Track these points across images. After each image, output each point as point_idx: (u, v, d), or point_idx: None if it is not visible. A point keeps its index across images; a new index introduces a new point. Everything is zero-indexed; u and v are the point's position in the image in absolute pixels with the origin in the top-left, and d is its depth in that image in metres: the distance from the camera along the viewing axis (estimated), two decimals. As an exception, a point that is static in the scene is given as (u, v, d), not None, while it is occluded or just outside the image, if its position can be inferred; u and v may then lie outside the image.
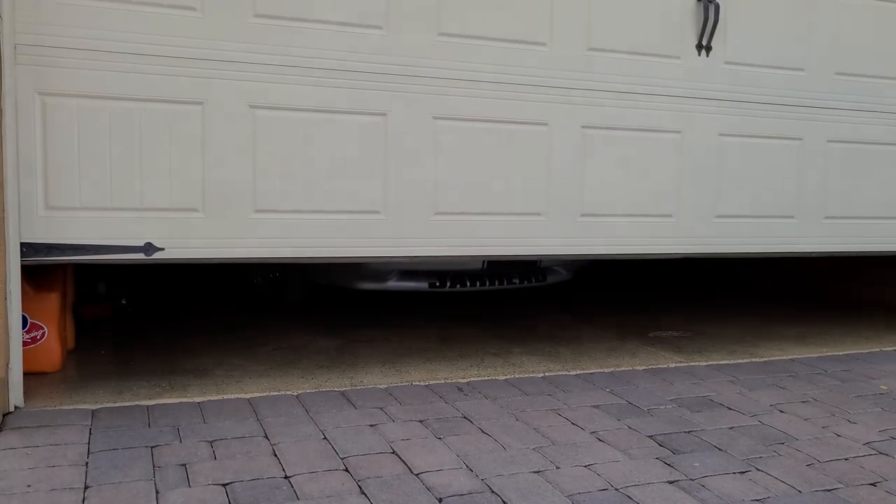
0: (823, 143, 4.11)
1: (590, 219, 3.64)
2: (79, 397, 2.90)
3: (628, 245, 3.73)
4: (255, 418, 2.71)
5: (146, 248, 2.91)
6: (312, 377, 3.28)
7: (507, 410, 2.89)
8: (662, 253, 3.84)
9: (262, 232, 3.08)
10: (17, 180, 2.71)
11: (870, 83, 4.18)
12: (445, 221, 3.37)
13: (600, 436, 2.66)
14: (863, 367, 3.76)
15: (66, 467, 2.25)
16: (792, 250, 4.14)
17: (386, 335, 4.13)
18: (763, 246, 4.04)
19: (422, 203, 3.32)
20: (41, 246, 2.78)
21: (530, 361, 3.66)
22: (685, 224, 3.84)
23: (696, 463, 2.44)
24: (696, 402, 3.08)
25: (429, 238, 3.35)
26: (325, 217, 3.17)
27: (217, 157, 3.00)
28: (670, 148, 3.77)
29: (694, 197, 3.84)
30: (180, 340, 3.87)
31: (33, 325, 3.10)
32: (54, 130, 2.79)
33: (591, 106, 3.58)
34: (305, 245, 3.16)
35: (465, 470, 2.33)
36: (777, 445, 2.62)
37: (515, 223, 3.50)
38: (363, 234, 3.23)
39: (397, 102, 3.24)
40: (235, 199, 3.04)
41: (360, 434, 2.59)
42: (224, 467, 2.28)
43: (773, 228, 4.05)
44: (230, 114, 3.01)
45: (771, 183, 4.01)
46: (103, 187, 2.87)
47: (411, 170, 3.29)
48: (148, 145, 2.92)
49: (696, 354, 3.91)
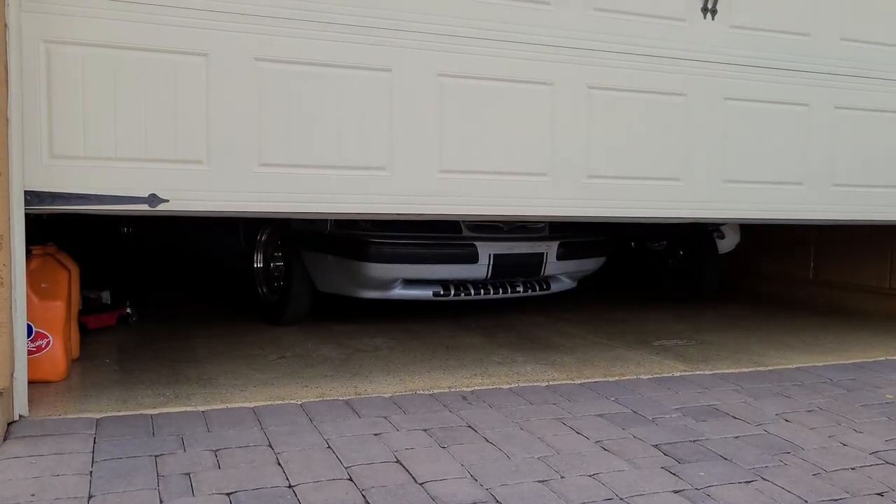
0: (831, 109, 4.10)
1: (596, 181, 3.64)
2: (83, 406, 2.90)
3: (635, 208, 3.74)
4: (259, 427, 2.71)
5: (150, 199, 2.90)
6: (316, 386, 3.28)
7: (512, 419, 2.88)
8: (670, 217, 3.83)
9: (266, 186, 3.08)
10: (21, 128, 2.70)
11: (878, 49, 4.15)
12: (450, 180, 3.36)
13: (605, 445, 2.65)
14: (869, 375, 3.74)
15: (71, 476, 2.25)
16: (800, 217, 4.14)
17: (390, 344, 4.13)
18: (771, 212, 4.04)
19: (427, 161, 3.31)
20: (46, 194, 2.77)
21: (534, 370, 3.66)
22: (692, 188, 3.83)
23: (701, 472, 2.43)
24: (701, 410, 3.07)
25: (434, 196, 3.34)
26: (328, 172, 3.17)
27: (221, 109, 3.00)
28: (676, 111, 3.77)
29: (701, 161, 3.84)
30: (184, 349, 3.87)
31: (38, 333, 3.11)
32: (59, 79, 2.79)
33: (596, 66, 3.58)
34: (309, 200, 3.16)
35: (470, 479, 2.32)
36: (783, 455, 2.61)
37: (520, 183, 3.49)
38: (368, 191, 3.23)
39: (404, 58, 3.24)
40: (239, 152, 3.04)
41: (365, 443, 2.59)
42: (228, 476, 2.28)
43: (781, 195, 4.04)
44: (234, 66, 3.01)
45: (778, 149, 4.00)
46: (108, 137, 2.87)
47: (417, 127, 3.29)
48: (152, 96, 2.92)
49: (700, 363, 3.90)
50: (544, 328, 4.71)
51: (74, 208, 2.83)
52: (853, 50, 4.09)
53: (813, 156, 4.09)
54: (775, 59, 3.93)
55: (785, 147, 4.02)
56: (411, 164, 3.29)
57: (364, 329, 4.48)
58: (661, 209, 3.78)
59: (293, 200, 3.13)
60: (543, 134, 3.52)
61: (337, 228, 4.16)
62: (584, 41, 3.54)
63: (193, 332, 4.27)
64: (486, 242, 4.29)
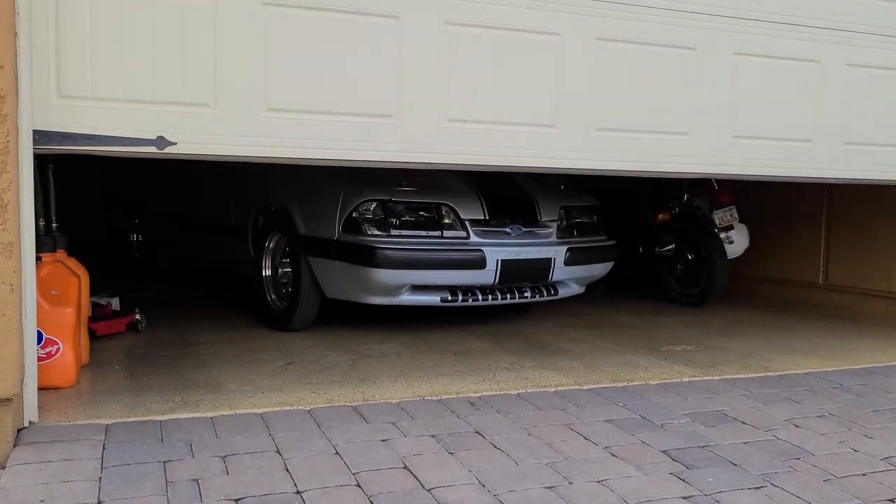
0: (842, 66, 4.06)
1: (604, 133, 3.63)
2: (92, 412, 2.92)
3: (643, 161, 3.72)
4: (267, 433, 2.71)
5: (158, 141, 2.90)
6: (324, 392, 3.28)
7: (520, 425, 2.88)
8: (678, 171, 3.83)
9: (273, 131, 3.07)
10: (30, 67, 2.70)
11: (892, 7, 4.11)
12: (458, 129, 3.36)
13: (613, 451, 2.64)
14: (880, 380, 3.72)
15: (80, 482, 2.26)
16: (810, 175, 4.11)
17: (397, 350, 4.13)
18: (780, 169, 4.01)
19: (434, 109, 3.31)
20: (54, 134, 2.77)
21: (542, 376, 3.65)
22: (701, 143, 3.81)
23: (710, 478, 2.42)
24: (710, 416, 3.06)
25: (442, 146, 3.34)
26: (335, 119, 3.17)
27: (228, 52, 3.00)
28: (684, 64, 3.76)
29: (709, 116, 3.83)
30: (193, 355, 3.89)
31: (48, 340, 3.12)
32: (67, 17, 2.78)
33: (604, 18, 3.57)
34: (316, 146, 3.15)
35: (478, 485, 2.32)
36: (793, 461, 2.60)
37: (527, 134, 3.49)
38: (375, 139, 3.22)
39: (412, 5, 3.23)
40: (247, 96, 3.03)
41: (372, 449, 2.59)
42: (236, 482, 2.29)
43: (791, 152, 4.01)
44: (241, 10, 3.00)
45: (788, 105, 3.98)
46: (116, 78, 2.87)
47: (424, 75, 3.29)
48: (160, 37, 2.92)
49: (709, 368, 3.88)
50: (552, 333, 4.70)
51: (83, 149, 2.82)
52: (866, 6, 4.04)
53: (824, 113, 4.05)
54: (786, 13, 3.88)
55: (795, 104, 3.99)
56: (419, 112, 3.29)
57: (372, 335, 4.49)
58: (669, 163, 3.77)
59: (300, 146, 3.12)
60: (551, 85, 3.51)
61: (344, 234, 4.17)
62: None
63: (202, 338, 4.29)
64: (494, 248, 4.28)
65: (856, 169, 4.19)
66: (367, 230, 4.13)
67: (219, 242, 5.39)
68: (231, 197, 5.19)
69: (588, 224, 4.86)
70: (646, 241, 5.96)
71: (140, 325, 4.42)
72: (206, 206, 5.53)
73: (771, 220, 6.44)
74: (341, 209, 4.19)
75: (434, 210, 4.27)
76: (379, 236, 4.11)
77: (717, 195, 5.75)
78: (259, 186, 4.86)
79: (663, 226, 5.85)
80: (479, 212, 4.35)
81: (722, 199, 5.74)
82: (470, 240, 4.29)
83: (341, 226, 4.18)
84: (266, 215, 4.77)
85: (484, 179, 4.69)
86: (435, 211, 4.27)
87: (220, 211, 5.29)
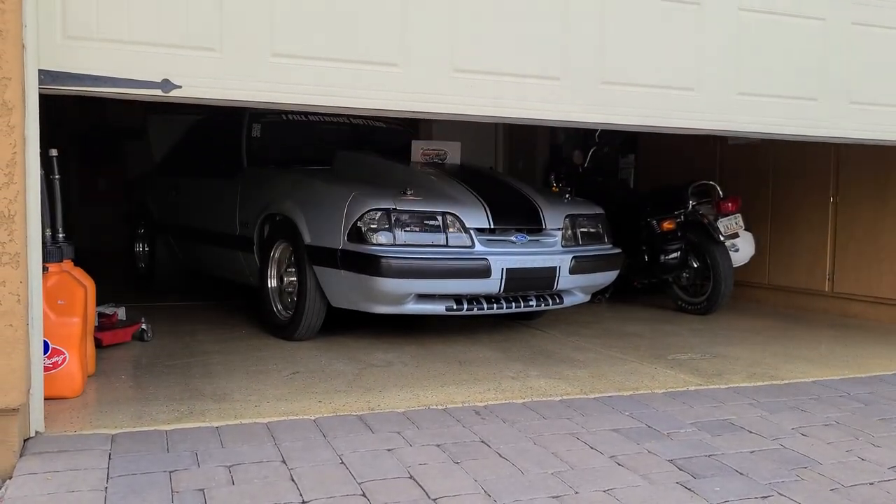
0: (847, 24, 4.07)
1: (610, 87, 3.65)
2: (98, 422, 2.92)
3: (648, 116, 3.74)
4: (272, 443, 2.72)
5: (163, 84, 2.90)
6: (330, 401, 3.28)
7: (525, 434, 2.87)
8: (683, 126, 3.83)
9: (278, 76, 3.08)
10: (36, 6, 2.70)
11: None
12: (464, 79, 3.36)
13: (619, 460, 2.63)
14: (887, 389, 3.70)
15: (86, 492, 2.26)
16: (815, 134, 4.11)
17: (403, 359, 4.13)
18: (785, 127, 4.02)
19: (440, 58, 3.32)
20: (59, 74, 2.77)
21: (548, 385, 3.64)
22: (706, 98, 3.83)
23: (716, 487, 2.41)
24: (716, 425, 3.05)
25: (447, 95, 3.34)
26: (341, 66, 3.18)
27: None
28: (690, 19, 3.77)
29: (714, 71, 3.84)
30: (199, 365, 3.89)
31: (54, 350, 3.13)
32: None
33: None
34: (321, 93, 3.16)
35: (483, 495, 2.31)
36: (800, 470, 2.58)
37: (533, 86, 3.50)
38: (380, 87, 3.23)
39: None
40: (252, 41, 3.04)
41: (378, 458, 2.59)
42: (242, 492, 2.29)
43: (795, 110, 4.02)
44: None
45: (793, 63, 3.99)
46: (121, 19, 2.87)
47: (430, 24, 3.29)
48: None
49: (715, 377, 3.87)
50: (557, 342, 4.70)
51: (87, 90, 2.82)
52: None
53: (829, 71, 4.05)
54: None
55: (800, 61, 4.00)
56: (424, 61, 3.30)
57: (377, 344, 4.49)
58: (674, 118, 3.78)
59: (305, 93, 3.13)
60: (556, 37, 3.53)
61: (349, 243, 4.18)
62: None
63: (207, 348, 4.29)
64: (499, 256, 4.28)
65: (862, 128, 4.19)
66: (372, 239, 4.13)
67: (224, 252, 5.40)
68: (236, 206, 5.21)
69: (593, 232, 4.85)
70: (651, 249, 5.95)
71: (146, 335, 4.43)
72: (211, 216, 5.54)
73: (777, 228, 6.43)
74: (346, 218, 4.20)
75: (439, 219, 4.27)
76: (384, 245, 4.12)
77: (723, 203, 5.74)
78: (264, 195, 4.87)
79: (668, 234, 5.85)
80: (483, 220, 4.36)
81: (727, 207, 5.73)
82: (475, 248, 4.29)
83: (346, 235, 4.19)
84: (271, 224, 4.78)
85: (488, 188, 4.69)
86: (440, 219, 4.27)
87: (226, 220, 5.30)
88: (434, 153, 5.19)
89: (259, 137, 5.47)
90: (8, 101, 2.54)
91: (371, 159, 5.09)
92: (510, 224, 4.45)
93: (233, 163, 5.42)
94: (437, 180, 4.65)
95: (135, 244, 6.87)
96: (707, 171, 6.74)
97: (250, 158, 5.37)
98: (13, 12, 2.52)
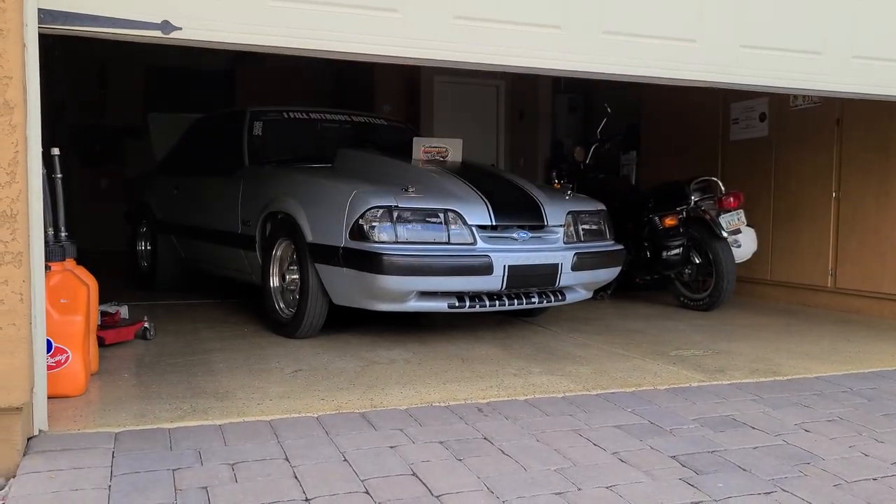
0: None
1: (612, 36, 3.64)
2: (102, 421, 2.93)
3: (650, 67, 3.73)
4: (275, 440, 2.72)
5: (163, 25, 2.89)
6: (332, 399, 3.29)
7: (528, 431, 2.88)
8: (685, 78, 3.83)
9: (278, 20, 3.07)
10: None
11: None
12: (465, 26, 3.35)
13: (622, 456, 2.63)
14: (890, 384, 3.70)
15: (89, 490, 2.27)
16: (819, 88, 4.11)
17: (405, 356, 4.13)
18: (789, 81, 4.02)
19: (440, 4, 3.30)
20: (58, 13, 2.76)
21: (550, 381, 3.64)
22: (708, 50, 3.83)
23: (719, 483, 2.41)
24: (719, 421, 3.05)
25: (448, 42, 3.33)
26: (341, 10, 3.16)
27: None
28: None
29: (716, 23, 3.84)
30: (201, 363, 3.90)
31: (57, 349, 3.14)
32: None
33: None
34: (321, 38, 3.14)
35: (486, 492, 2.31)
36: (803, 465, 2.58)
37: (533, 34, 3.49)
38: (381, 32, 3.22)
39: None
40: None
41: (380, 456, 2.59)
42: (245, 490, 2.29)
43: (799, 63, 4.01)
44: None
45: (797, 15, 3.98)
46: None
47: None
48: None
49: (718, 373, 3.87)
50: (559, 339, 4.70)
51: (86, 29, 2.81)
52: None
53: (833, 25, 4.04)
54: None
55: (804, 14, 3.99)
56: (424, 6, 3.28)
57: (379, 341, 4.49)
58: (677, 70, 3.77)
59: (304, 37, 3.11)
60: None
61: (351, 241, 4.18)
62: None
63: (210, 346, 4.30)
64: (501, 253, 4.28)
65: (865, 83, 4.18)
66: (374, 237, 4.13)
67: (226, 250, 5.41)
68: (238, 204, 5.21)
69: (595, 229, 4.85)
70: (653, 245, 5.95)
71: (148, 334, 4.44)
72: (213, 214, 5.55)
73: (779, 224, 6.42)
74: (348, 216, 4.20)
75: (441, 216, 4.27)
76: (386, 243, 4.12)
77: (725, 199, 5.74)
78: (266, 193, 4.88)
79: (670, 230, 5.84)
80: (485, 217, 4.36)
81: (729, 203, 5.73)
82: (477, 245, 4.29)
83: (348, 232, 4.19)
84: (273, 222, 4.78)
85: (490, 185, 4.69)
86: (441, 217, 4.27)
87: (228, 218, 5.31)
88: (435, 150, 5.19)
89: (260, 135, 5.48)
90: (10, 100, 2.54)
91: (372, 157, 5.09)
92: (512, 221, 4.44)
93: (234, 161, 5.43)
94: (439, 177, 4.65)
95: (137, 243, 6.87)
96: (709, 167, 6.75)
97: (252, 156, 5.38)
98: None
